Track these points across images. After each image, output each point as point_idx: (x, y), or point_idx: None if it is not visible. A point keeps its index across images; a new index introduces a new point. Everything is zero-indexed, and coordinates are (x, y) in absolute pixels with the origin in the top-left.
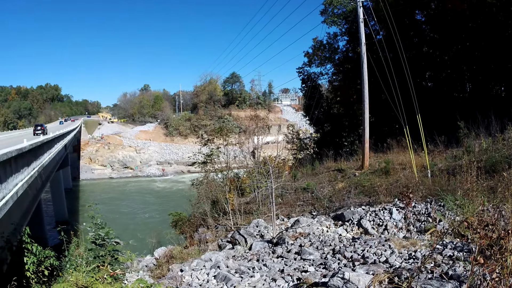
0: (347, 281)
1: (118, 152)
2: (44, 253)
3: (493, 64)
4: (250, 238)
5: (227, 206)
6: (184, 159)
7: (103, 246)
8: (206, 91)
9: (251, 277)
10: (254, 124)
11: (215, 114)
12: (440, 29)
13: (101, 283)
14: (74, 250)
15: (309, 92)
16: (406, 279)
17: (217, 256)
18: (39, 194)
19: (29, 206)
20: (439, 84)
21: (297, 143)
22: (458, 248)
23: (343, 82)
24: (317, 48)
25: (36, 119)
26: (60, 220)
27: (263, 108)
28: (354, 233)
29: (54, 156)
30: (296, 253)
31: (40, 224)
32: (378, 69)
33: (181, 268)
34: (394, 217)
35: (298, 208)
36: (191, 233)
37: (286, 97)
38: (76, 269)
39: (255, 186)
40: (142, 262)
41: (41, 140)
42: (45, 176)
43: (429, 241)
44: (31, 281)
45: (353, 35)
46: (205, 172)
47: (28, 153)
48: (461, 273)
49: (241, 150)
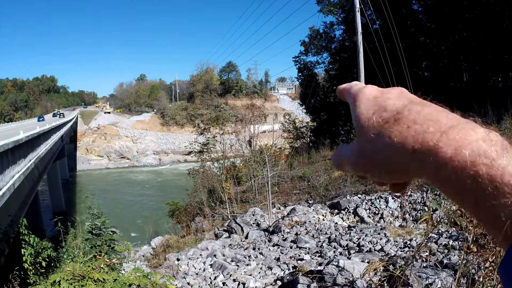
0: (342, 269)
1: (115, 142)
2: (41, 244)
3: (490, 55)
4: (247, 226)
5: (224, 195)
6: (181, 148)
7: (99, 236)
8: (202, 80)
9: (247, 265)
10: (250, 113)
11: (212, 103)
12: (437, 19)
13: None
14: (71, 241)
15: (305, 81)
16: (400, 267)
17: (213, 245)
18: (36, 185)
19: (26, 197)
20: (435, 74)
21: (294, 131)
22: (454, 237)
23: (340, 71)
24: (313, 37)
25: (32, 111)
26: (57, 211)
27: (260, 97)
28: (350, 222)
29: (51, 147)
30: (292, 242)
31: (37, 216)
32: (374, 58)
33: (177, 257)
34: (390, 205)
35: (294, 197)
36: (187, 222)
37: (283, 86)
38: (73, 260)
39: (252, 175)
40: (139, 252)
41: (37, 132)
42: (42, 167)
43: (425, 230)
44: (29, 273)
45: (350, 24)
46: (201, 161)
47: (24, 145)
48: (455, 262)
49: (238, 139)
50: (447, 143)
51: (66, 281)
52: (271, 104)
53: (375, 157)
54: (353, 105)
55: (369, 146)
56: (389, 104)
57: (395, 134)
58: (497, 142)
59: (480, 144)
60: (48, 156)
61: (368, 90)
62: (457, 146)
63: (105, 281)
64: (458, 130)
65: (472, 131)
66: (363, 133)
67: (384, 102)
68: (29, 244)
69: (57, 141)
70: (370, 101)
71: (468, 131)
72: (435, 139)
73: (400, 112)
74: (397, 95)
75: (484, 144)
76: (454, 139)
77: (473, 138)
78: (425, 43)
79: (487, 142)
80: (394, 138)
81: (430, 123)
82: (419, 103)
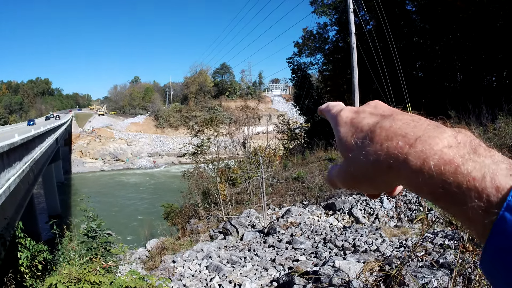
0: (337, 270)
1: (109, 144)
2: (37, 247)
3: (484, 54)
4: (242, 228)
5: (218, 197)
6: (175, 150)
7: (95, 238)
8: (196, 82)
9: (243, 267)
10: (244, 115)
11: (206, 105)
12: (430, 19)
13: (93, 275)
14: (67, 243)
15: (299, 82)
16: (396, 267)
17: (208, 247)
18: (32, 188)
19: (22, 200)
20: (429, 74)
21: (288, 133)
22: (449, 236)
23: (333, 72)
24: (307, 38)
25: (27, 113)
26: (53, 214)
27: (254, 98)
28: (345, 222)
29: (46, 150)
30: (287, 243)
31: (33, 219)
32: (368, 58)
33: (173, 259)
34: (385, 206)
35: (289, 198)
36: (183, 224)
37: (277, 87)
38: (69, 263)
39: (246, 176)
40: (134, 254)
41: (32, 134)
42: (37, 170)
43: (420, 230)
44: (25, 276)
45: (343, 25)
46: (196, 163)
47: (19, 148)
48: (451, 261)
49: (232, 141)
50: (415, 155)
51: (63, 284)
52: (265, 106)
53: (358, 175)
54: (335, 129)
55: (351, 165)
56: (364, 125)
57: (371, 153)
58: (465, 144)
59: (445, 152)
60: (43, 159)
61: (345, 114)
62: (424, 158)
63: (102, 283)
64: (424, 141)
65: (437, 139)
66: (345, 155)
67: (360, 123)
68: (25, 247)
69: (52, 143)
70: (347, 124)
71: (434, 140)
72: (404, 152)
73: (373, 131)
74: (370, 112)
75: (450, 151)
76: (420, 151)
77: (439, 146)
78: (419, 43)
79: (453, 148)
80: (370, 157)
81: (399, 138)
82: (390, 117)
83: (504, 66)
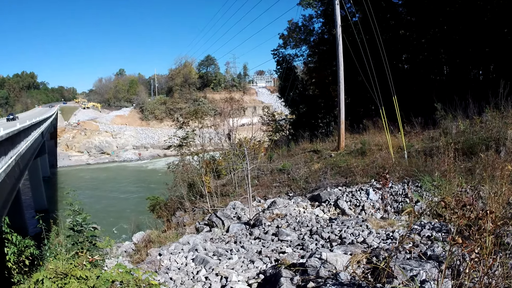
0: (324, 261)
1: (95, 138)
2: (24, 242)
3: (471, 48)
4: (227, 220)
5: (204, 189)
6: (160, 143)
7: (81, 233)
8: (181, 74)
9: (229, 259)
10: (229, 106)
11: (190, 97)
12: (417, 12)
13: (80, 269)
14: (53, 238)
15: (284, 73)
16: (384, 259)
17: (194, 239)
18: (18, 183)
19: (8, 195)
20: (415, 67)
21: (273, 124)
22: (437, 228)
23: (319, 64)
24: (292, 30)
25: (13, 107)
26: (39, 209)
27: (238, 90)
28: (331, 214)
29: (31, 144)
30: (273, 235)
31: (19, 213)
32: (354, 51)
33: (159, 252)
34: (371, 197)
35: (275, 190)
36: (168, 216)
37: (261, 79)
38: (56, 257)
39: (231, 168)
40: (121, 248)
41: (18, 128)
42: (23, 164)
43: (407, 222)
44: (12, 272)
45: (329, 17)
46: (181, 155)
47: (5, 142)
48: (439, 253)
49: (217, 133)
50: None
51: (49, 280)
52: (250, 97)
53: None
54: None
55: None
56: None
57: None
58: None
59: None
60: (29, 153)
61: None
62: None
63: (88, 278)
64: None
65: None
66: None
67: None
68: (12, 242)
69: (37, 137)
70: None
71: None
72: None
73: None
74: None
75: None
76: None
77: None
78: (405, 36)
79: None
80: None
81: None
82: None
83: (491, 59)
